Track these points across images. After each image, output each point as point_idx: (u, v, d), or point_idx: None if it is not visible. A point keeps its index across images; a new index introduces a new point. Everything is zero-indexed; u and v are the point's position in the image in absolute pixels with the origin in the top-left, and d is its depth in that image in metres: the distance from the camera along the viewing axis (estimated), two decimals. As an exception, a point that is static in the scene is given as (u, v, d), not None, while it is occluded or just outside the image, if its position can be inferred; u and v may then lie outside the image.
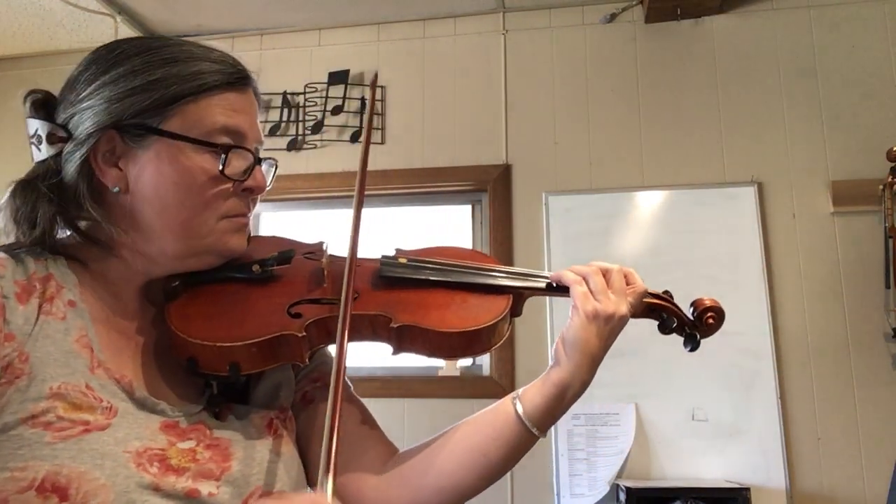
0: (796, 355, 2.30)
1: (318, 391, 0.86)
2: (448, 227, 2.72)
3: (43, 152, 0.76)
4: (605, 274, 0.83)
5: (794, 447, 2.24)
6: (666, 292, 0.89)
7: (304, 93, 2.78)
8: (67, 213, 0.73)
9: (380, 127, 2.73)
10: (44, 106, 0.78)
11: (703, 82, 2.57)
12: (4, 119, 3.07)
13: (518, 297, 0.85)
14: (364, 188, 0.84)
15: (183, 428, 0.70)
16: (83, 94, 0.73)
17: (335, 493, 0.61)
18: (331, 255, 0.86)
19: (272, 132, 2.77)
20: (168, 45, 0.75)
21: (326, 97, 2.75)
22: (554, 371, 0.81)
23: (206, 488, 0.67)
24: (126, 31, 2.89)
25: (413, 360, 2.51)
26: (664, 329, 0.89)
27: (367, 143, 0.74)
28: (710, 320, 0.88)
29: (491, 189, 2.60)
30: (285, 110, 2.78)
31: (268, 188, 0.80)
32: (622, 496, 2.14)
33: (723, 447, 2.26)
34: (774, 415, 2.26)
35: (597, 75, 2.65)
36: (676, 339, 0.90)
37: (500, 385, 2.41)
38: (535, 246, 2.52)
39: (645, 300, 0.86)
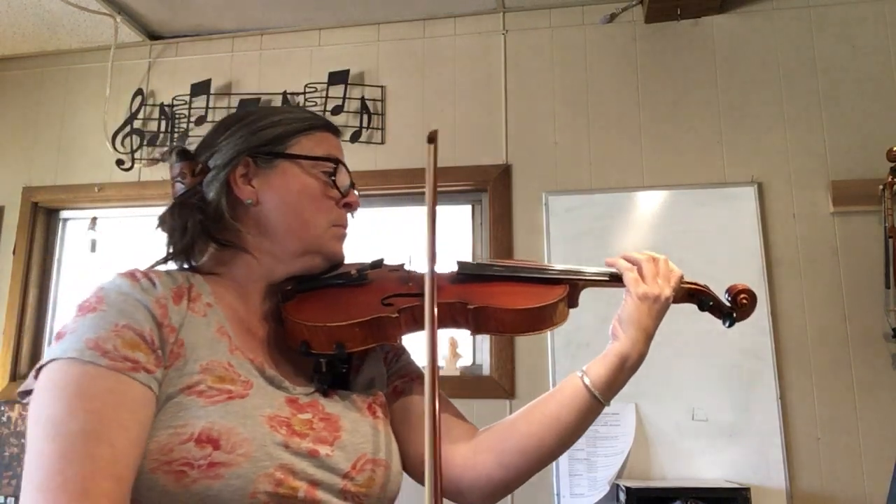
0: (796, 355, 2.30)
1: (406, 385, 1.01)
2: (448, 227, 2.72)
3: (186, 185, 0.94)
4: (654, 261, 0.98)
5: (794, 447, 2.24)
6: (704, 284, 1.04)
7: (304, 93, 2.78)
8: (209, 226, 0.92)
9: (380, 127, 2.73)
10: (185, 153, 0.97)
11: (703, 82, 2.57)
12: (5, 118, 3.07)
13: (574, 286, 0.99)
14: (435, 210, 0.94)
15: (301, 403, 0.85)
16: (221, 137, 0.96)
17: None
18: (408, 270, 1.03)
19: (272, 132, 2.77)
20: (274, 106, 0.98)
21: (326, 97, 2.75)
22: (614, 345, 0.95)
23: (323, 450, 0.82)
24: (126, 31, 2.89)
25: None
26: (702, 307, 1.03)
27: (434, 200, 0.91)
28: (744, 301, 1.02)
29: (491, 189, 2.60)
30: (285, 110, 2.77)
31: (354, 213, 1.01)
32: (622, 496, 2.15)
33: (723, 447, 2.26)
34: (774, 415, 2.26)
35: (597, 75, 2.65)
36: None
37: (500, 385, 2.41)
38: (535, 246, 2.52)
39: (683, 285, 1.00)
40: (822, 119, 2.47)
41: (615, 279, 1.00)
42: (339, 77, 2.75)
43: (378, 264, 1.00)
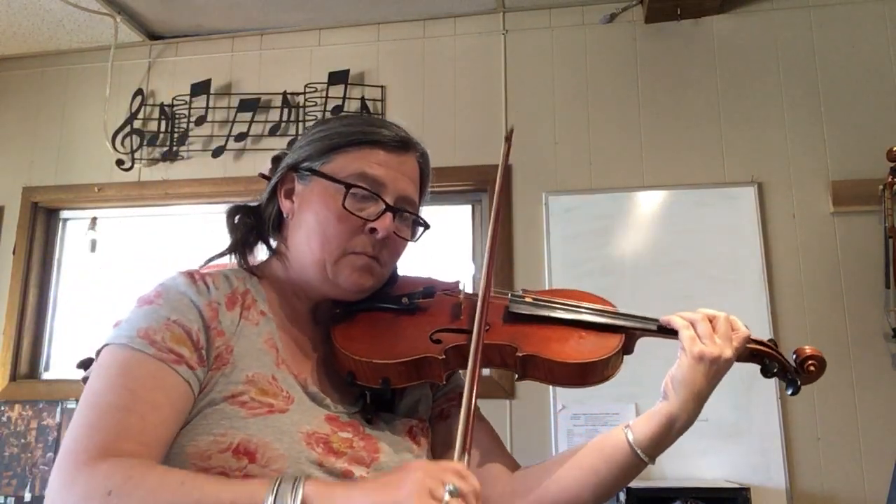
0: (796, 355, 2.30)
1: (453, 408, 0.99)
2: (448, 227, 2.72)
3: (265, 191, 0.97)
4: (712, 320, 0.92)
5: (794, 447, 2.24)
6: (771, 340, 0.99)
7: (304, 93, 2.78)
8: (263, 231, 0.95)
9: (380, 127, 2.72)
10: (276, 159, 0.99)
11: (703, 82, 2.57)
12: (5, 118, 3.07)
13: (630, 336, 0.95)
14: (495, 242, 0.98)
15: (342, 422, 0.85)
16: (294, 146, 0.97)
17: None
18: (466, 293, 0.99)
19: (272, 132, 2.77)
20: (366, 115, 0.98)
21: (326, 97, 2.75)
22: (663, 405, 0.91)
23: (358, 471, 0.81)
24: (126, 31, 2.89)
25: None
26: (766, 373, 0.98)
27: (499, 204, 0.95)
28: (812, 368, 0.99)
29: (491, 189, 2.60)
30: (285, 110, 2.78)
31: (410, 240, 0.95)
32: (622, 496, 2.14)
33: (723, 447, 2.26)
34: (774, 415, 2.25)
35: (597, 75, 2.65)
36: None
37: (500, 385, 2.41)
38: (535, 246, 2.52)
39: (748, 346, 0.95)
40: (822, 119, 2.47)
41: (675, 334, 0.94)
42: (339, 77, 2.75)
43: (430, 293, 0.96)
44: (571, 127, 2.61)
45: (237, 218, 0.96)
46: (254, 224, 0.95)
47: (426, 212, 1.04)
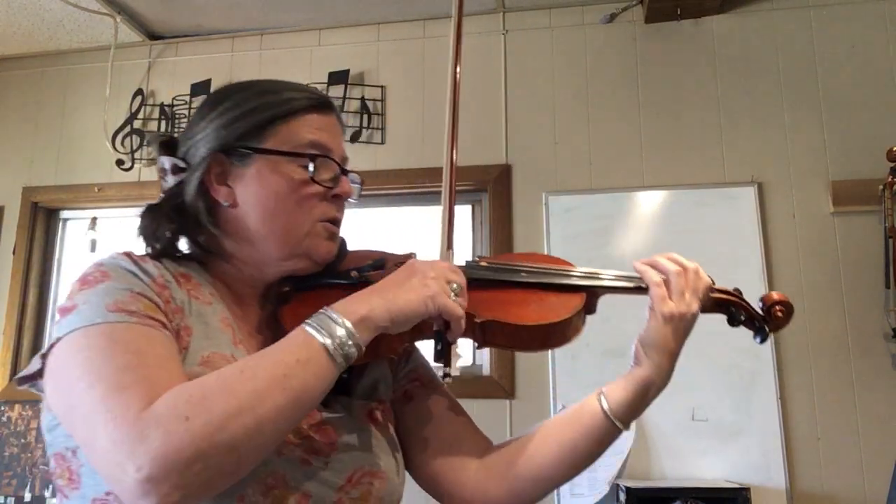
0: (796, 355, 2.30)
1: (417, 390, 0.96)
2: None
3: (169, 182, 0.88)
4: (684, 273, 0.90)
5: (794, 447, 2.24)
6: (736, 289, 0.95)
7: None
8: (188, 231, 0.87)
9: (380, 127, 2.73)
10: (168, 146, 0.90)
11: (703, 82, 2.57)
12: (5, 118, 3.07)
13: (592, 294, 0.92)
14: (454, 184, 0.94)
15: None
16: (196, 129, 0.87)
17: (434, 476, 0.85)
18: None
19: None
20: (262, 81, 0.91)
21: (326, 97, 2.75)
22: (637, 370, 0.88)
23: (316, 461, 0.78)
24: (126, 31, 2.89)
25: (413, 360, 2.51)
26: (732, 322, 0.94)
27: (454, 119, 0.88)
28: (780, 313, 0.94)
29: (491, 189, 2.60)
30: (285, 110, 2.77)
31: (355, 199, 0.92)
32: (622, 496, 2.14)
33: (723, 447, 2.26)
34: (774, 415, 2.26)
35: (597, 75, 2.65)
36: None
37: (500, 385, 2.41)
38: (535, 246, 2.52)
39: (712, 295, 0.92)
40: (822, 119, 2.47)
41: (639, 289, 0.91)
42: (339, 77, 2.75)
43: (380, 264, 0.91)
44: (571, 127, 2.61)
45: (156, 227, 0.85)
46: (179, 229, 0.87)
47: (426, 212, 1.04)
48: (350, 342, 0.71)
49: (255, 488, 0.72)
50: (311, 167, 0.85)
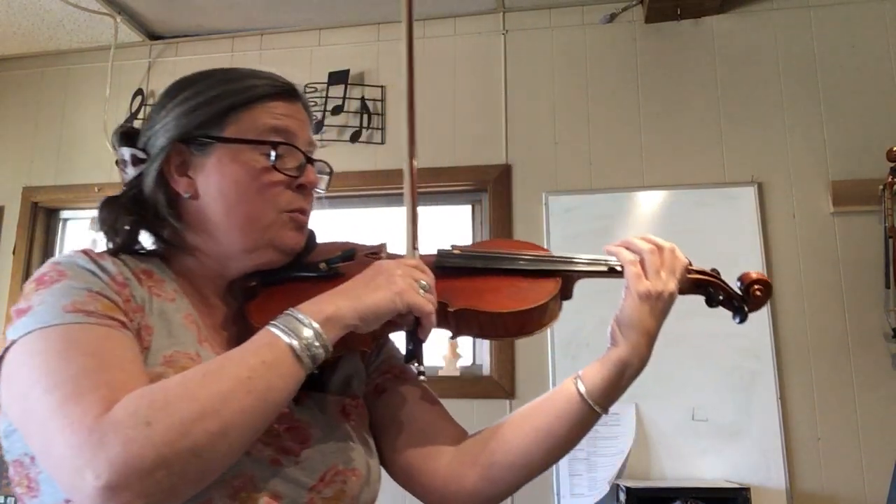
0: (796, 355, 2.30)
1: (388, 382, 0.94)
2: (448, 227, 2.72)
3: (129, 174, 0.86)
4: (659, 251, 0.88)
5: (794, 447, 2.24)
6: (713, 269, 0.94)
7: (304, 93, 2.77)
8: (149, 224, 0.84)
9: (380, 127, 2.73)
10: (128, 136, 0.87)
11: (703, 82, 2.57)
12: (5, 118, 3.07)
13: (567, 279, 0.90)
14: (415, 180, 0.93)
15: None
16: (156, 118, 0.85)
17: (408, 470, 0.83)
18: (390, 253, 0.92)
19: (272, 132, 2.77)
20: (225, 69, 0.88)
21: (326, 97, 2.75)
22: (613, 351, 0.86)
23: (287, 461, 0.75)
24: (126, 31, 2.89)
25: (413, 360, 2.51)
26: (710, 302, 0.93)
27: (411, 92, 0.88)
28: (758, 292, 0.91)
29: (491, 189, 2.60)
30: (285, 110, 2.77)
31: (322, 189, 0.90)
32: (622, 496, 2.14)
33: (723, 447, 2.26)
34: (774, 415, 2.25)
35: (597, 75, 2.65)
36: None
37: (500, 385, 2.41)
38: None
39: (689, 276, 0.91)
40: (822, 119, 2.47)
41: (614, 271, 0.90)
42: (339, 77, 2.75)
43: (350, 255, 0.89)
44: (571, 127, 2.61)
45: (115, 220, 0.83)
46: (140, 222, 0.84)
47: (427, 212, 1.03)
48: (317, 343, 0.70)
49: (222, 492, 0.69)
50: (272, 155, 0.82)
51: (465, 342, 2.58)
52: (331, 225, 3.05)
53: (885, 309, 2.27)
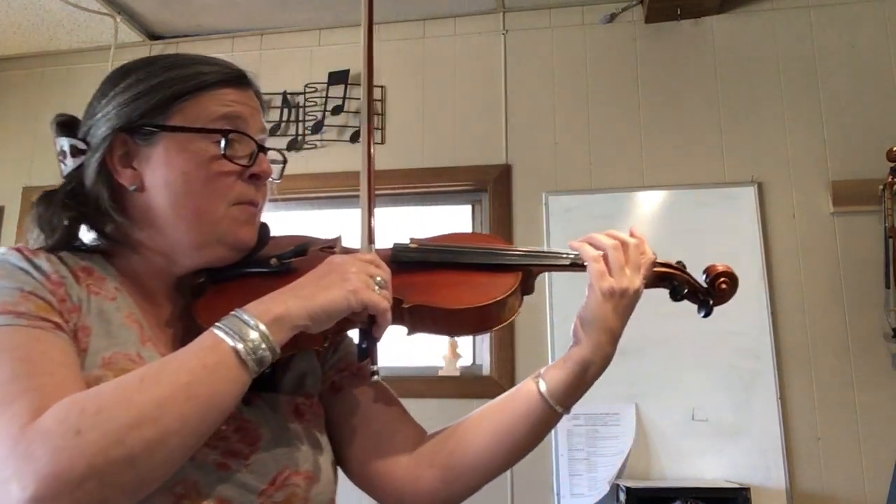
0: (796, 355, 2.30)
1: (345, 380, 0.90)
2: (448, 227, 2.72)
3: (68, 166, 0.81)
4: (623, 247, 0.85)
5: (794, 447, 2.24)
6: (679, 262, 0.91)
7: (304, 93, 2.78)
8: (89, 219, 0.80)
9: (380, 127, 2.73)
10: (67, 126, 0.83)
11: (703, 82, 2.57)
12: (5, 118, 3.07)
13: (527, 273, 0.87)
14: (372, 174, 0.89)
15: None
16: (97, 107, 0.80)
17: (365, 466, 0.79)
18: (345, 247, 0.89)
19: (272, 132, 2.77)
20: (170, 55, 0.84)
21: (326, 97, 2.75)
22: (575, 350, 0.83)
23: (234, 465, 0.72)
24: (126, 31, 2.89)
25: (413, 361, 2.51)
26: (675, 296, 0.90)
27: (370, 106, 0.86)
28: (724, 286, 0.89)
29: (491, 189, 2.60)
30: (285, 110, 2.78)
31: (276, 179, 0.86)
32: (622, 496, 2.14)
33: (723, 447, 2.26)
34: (774, 415, 2.25)
35: (597, 75, 2.65)
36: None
37: (500, 385, 2.41)
38: (535, 246, 2.52)
39: (656, 270, 0.88)
40: (822, 119, 2.47)
41: (577, 266, 0.87)
42: (339, 77, 2.75)
43: (303, 250, 0.85)
44: (571, 127, 2.61)
45: (52, 216, 0.79)
46: (80, 217, 0.80)
47: (426, 212, 1.01)
48: (264, 345, 0.66)
49: (163, 499, 0.66)
50: (222, 143, 0.78)
51: (464, 343, 2.58)
52: (330, 225, 3.04)
53: (885, 309, 2.27)
